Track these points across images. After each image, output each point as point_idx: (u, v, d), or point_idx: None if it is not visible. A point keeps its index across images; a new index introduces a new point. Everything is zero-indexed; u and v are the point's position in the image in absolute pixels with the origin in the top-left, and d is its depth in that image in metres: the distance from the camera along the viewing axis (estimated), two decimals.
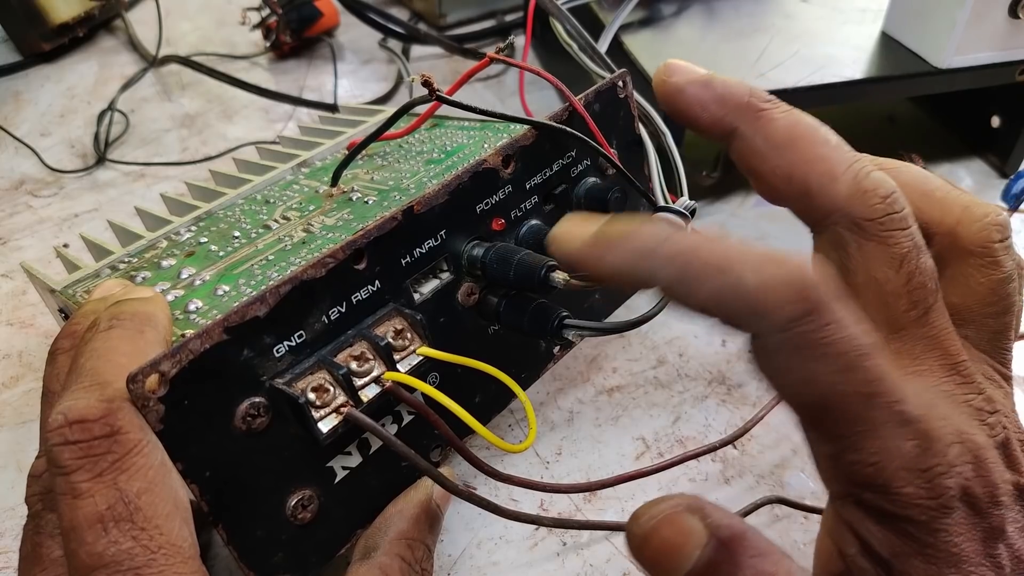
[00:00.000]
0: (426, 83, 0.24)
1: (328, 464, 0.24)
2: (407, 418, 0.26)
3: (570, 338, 0.25)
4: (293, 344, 0.21)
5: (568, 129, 0.27)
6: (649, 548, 0.18)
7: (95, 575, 0.18)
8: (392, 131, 0.31)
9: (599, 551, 0.31)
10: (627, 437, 0.36)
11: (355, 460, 0.24)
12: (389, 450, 0.24)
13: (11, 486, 0.35)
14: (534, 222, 0.28)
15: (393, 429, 0.26)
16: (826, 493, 0.19)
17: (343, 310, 0.23)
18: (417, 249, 0.24)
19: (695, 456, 0.32)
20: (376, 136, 0.32)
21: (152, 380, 0.19)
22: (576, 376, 0.39)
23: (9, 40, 0.69)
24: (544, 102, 0.60)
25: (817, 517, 0.32)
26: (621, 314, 0.41)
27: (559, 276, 0.24)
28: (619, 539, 0.31)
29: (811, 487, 0.33)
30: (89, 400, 0.19)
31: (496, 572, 0.31)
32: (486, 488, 0.33)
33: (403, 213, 0.23)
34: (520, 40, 0.69)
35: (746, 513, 0.31)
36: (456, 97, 0.27)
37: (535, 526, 0.31)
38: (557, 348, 0.32)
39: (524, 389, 0.25)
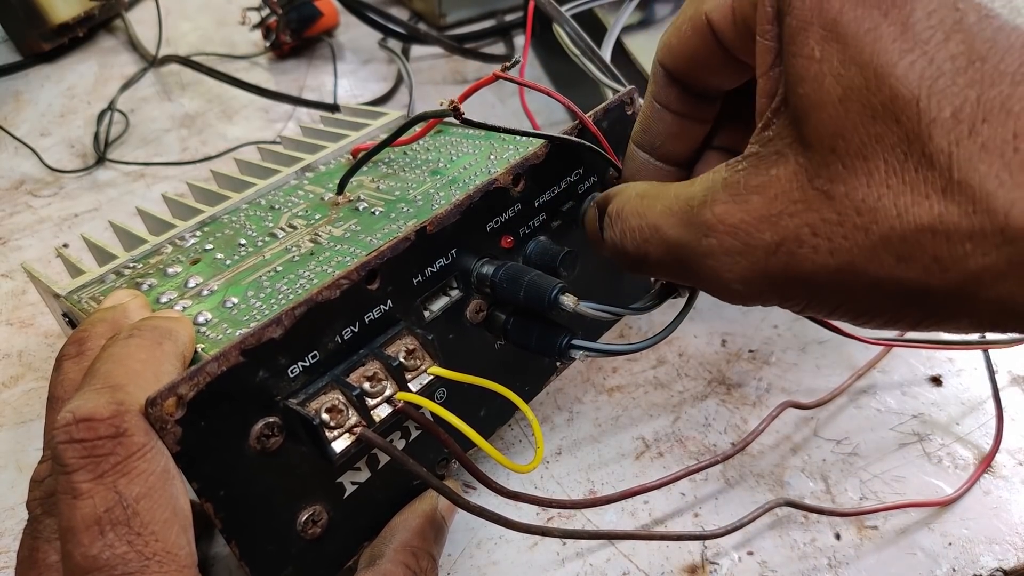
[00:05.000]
0: (454, 108, 0.25)
1: (338, 480, 0.24)
2: (414, 433, 0.26)
3: (576, 358, 0.26)
4: (307, 364, 0.22)
5: (592, 146, 0.28)
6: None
7: None
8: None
9: (599, 552, 0.31)
10: (627, 437, 0.36)
11: (364, 475, 0.25)
12: (397, 464, 0.25)
13: (11, 486, 0.35)
14: (541, 239, 0.28)
15: (401, 444, 0.26)
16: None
17: (356, 330, 0.23)
18: (429, 268, 0.25)
19: (698, 470, 0.32)
20: (384, 146, 0.32)
21: (170, 403, 0.19)
22: (576, 376, 0.39)
23: (9, 40, 0.69)
24: (544, 103, 0.60)
25: (818, 517, 0.32)
26: (619, 331, 0.41)
27: (568, 299, 0.24)
28: (619, 540, 0.32)
29: (811, 487, 0.34)
30: (99, 401, 0.19)
31: (496, 572, 0.31)
32: (487, 492, 0.33)
33: (416, 233, 0.24)
34: (520, 40, 0.69)
35: (754, 518, 0.31)
36: (455, 96, 0.27)
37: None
38: (559, 362, 0.32)
39: (527, 402, 0.25)
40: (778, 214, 0.18)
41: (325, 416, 0.21)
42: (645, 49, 0.47)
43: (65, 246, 0.49)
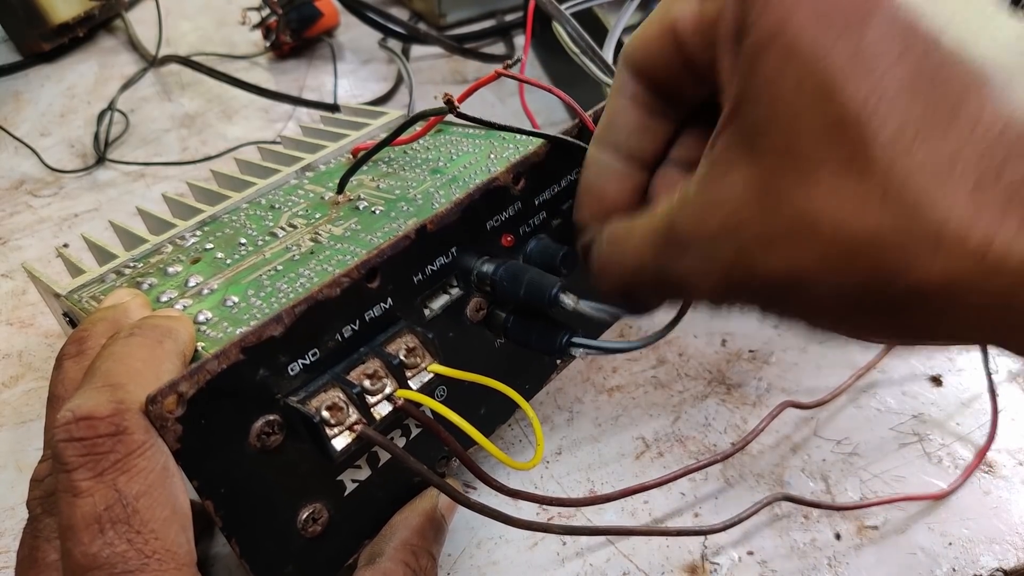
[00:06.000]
0: (448, 102, 0.25)
1: (338, 478, 0.24)
2: (415, 431, 0.26)
3: (577, 356, 0.26)
4: (307, 362, 0.22)
5: (587, 146, 0.28)
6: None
7: None
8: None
9: (599, 551, 0.31)
10: (627, 437, 0.36)
11: (364, 473, 0.25)
12: (397, 462, 0.25)
13: (11, 486, 0.35)
14: (542, 237, 0.28)
15: (402, 442, 0.26)
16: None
17: (356, 328, 0.23)
18: (429, 267, 0.25)
19: (697, 469, 0.32)
20: (384, 145, 0.32)
21: (170, 401, 0.19)
22: (576, 376, 0.39)
23: (9, 40, 0.69)
24: (544, 103, 0.60)
25: (818, 516, 0.32)
26: (619, 331, 0.41)
27: (568, 298, 0.24)
28: (619, 540, 0.32)
29: (811, 486, 0.34)
30: (99, 399, 0.19)
31: (496, 572, 0.31)
32: (487, 491, 0.33)
33: (416, 232, 0.24)
34: (520, 40, 0.69)
35: (752, 513, 0.31)
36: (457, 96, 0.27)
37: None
38: (559, 360, 0.32)
39: (528, 400, 0.25)
40: (735, 228, 0.18)
41: (325, 414, 0.21)
42: None
43: (65, 246, 0.49)
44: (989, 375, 0.36)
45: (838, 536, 0.32)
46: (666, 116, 0.25)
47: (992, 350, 0.38)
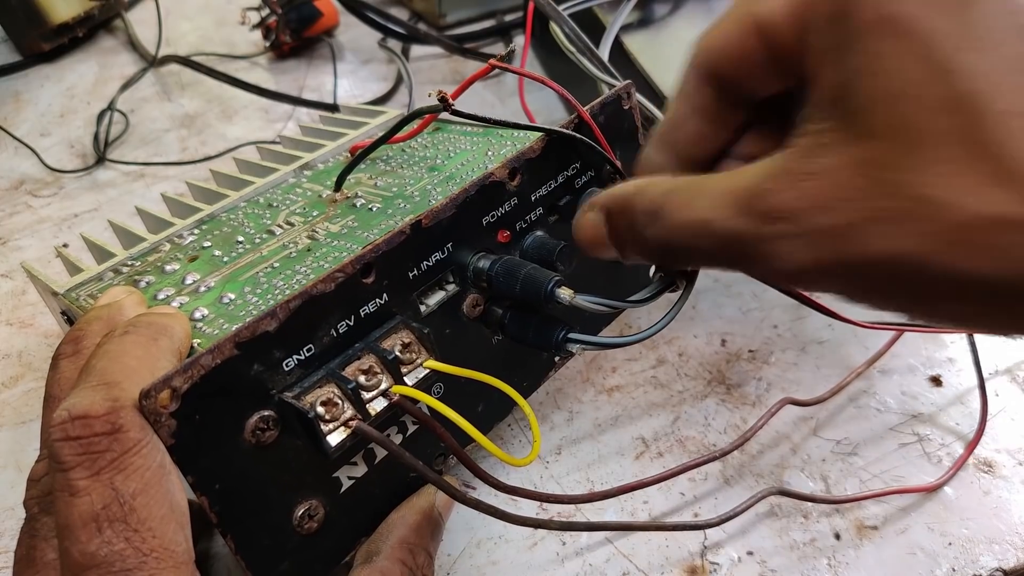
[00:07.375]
0: (442, 99, 0.25)
1: (334, 475, 0.24)
2: (411, 428, 0.26)
3: (573, 352, 0.26)
4: (302, 358, 0.22)
5: (584, 139, 0.28)
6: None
7: (86, 575, 0.18)
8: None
9: (599, 551, 0.31)
10: (626, 437, 0.36)
11: (360, 470, 0.25)
12: (394, 459, 0.25)
13: (11, 486, 0.35)
14: (538, 233, 0.28)
15: (398, 439, 0.26)
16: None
17: (351, 323, 0.23)
18: (424, 262, 0.25)
19: (696, 466, 0.32)
20: (381, 143, 0.32)
21: (164, 395, 0.19)
22: (576, 376, 0.39)
23: (9, 40, 0.69)
24: (543, 103, 0.60)
25: (817, 515, 0.32)
26: (619, 330, 0.41)
27: (565, 292, 0.24)
28: (619, 539, 0.32)
29: (811, 486, 0.34)
30: (94, 398, 0.19)
31: (495, 572, 0.31)
32: (485, 490, 0.33)
33: (411, 227, 0.24)
34: (520, 40, 0.69)
35: (747, 507, 0.31)
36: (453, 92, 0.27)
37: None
38: (558, 357, 0.32)
39: (526, 397, 0.25)
40: (836, 200, 0.18)
41: (320, 409, 0.21)
42: (644, 48, 0.47)
43: (65, 246, 0.49)
44: (978, 369, 0.36)
45: (838, 536, 0.32)
46: (727, 126, 0.25)
47: (985, 348, 0.38)
